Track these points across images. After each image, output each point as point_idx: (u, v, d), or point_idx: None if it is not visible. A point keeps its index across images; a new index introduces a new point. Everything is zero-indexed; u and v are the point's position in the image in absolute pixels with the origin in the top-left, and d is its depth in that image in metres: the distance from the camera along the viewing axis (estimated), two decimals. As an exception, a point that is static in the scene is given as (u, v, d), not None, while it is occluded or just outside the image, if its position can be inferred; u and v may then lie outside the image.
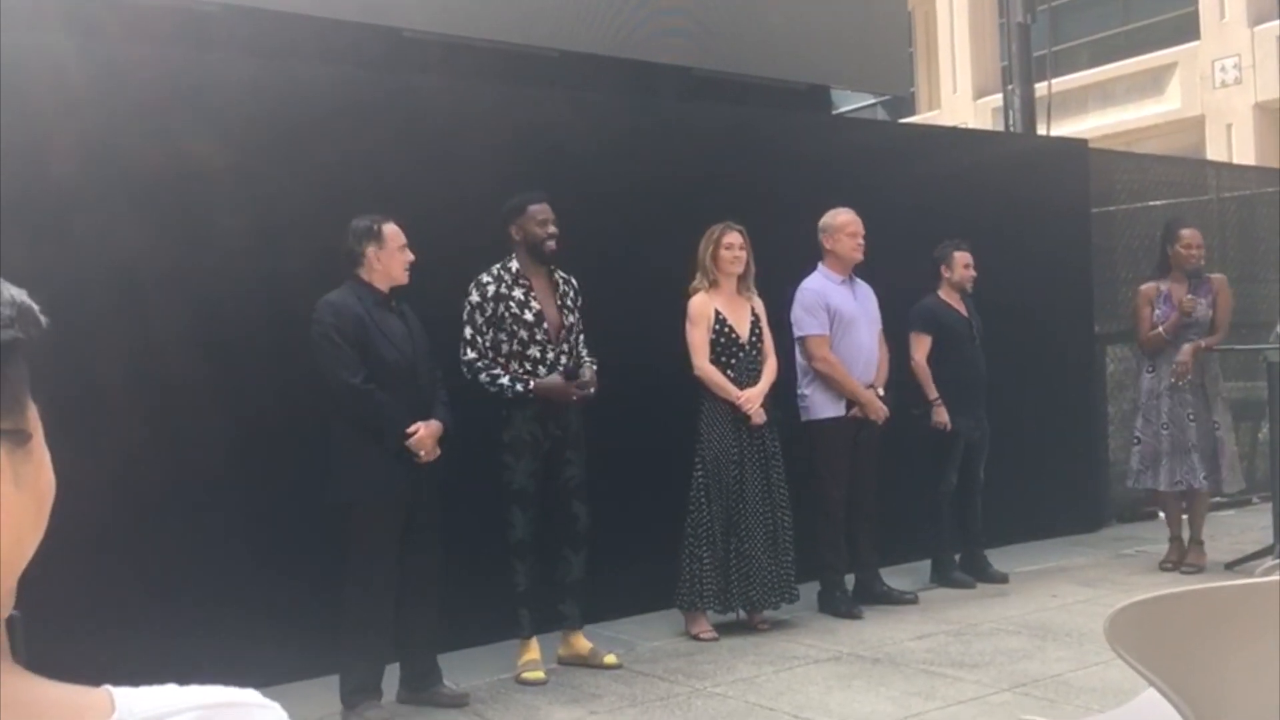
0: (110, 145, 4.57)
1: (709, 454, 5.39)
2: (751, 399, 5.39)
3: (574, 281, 5.10)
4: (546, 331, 4.92)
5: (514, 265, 4.93)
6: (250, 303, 4.82)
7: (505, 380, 4.83)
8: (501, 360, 4.87)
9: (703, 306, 5.45)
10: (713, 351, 5.43)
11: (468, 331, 4.87)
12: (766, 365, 5.55)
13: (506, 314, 4.87)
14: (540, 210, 4.92)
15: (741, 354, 5.46)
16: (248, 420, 4.80)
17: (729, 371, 5.44)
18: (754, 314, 5.56)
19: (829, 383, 5.79)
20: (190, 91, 4.77)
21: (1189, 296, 6.39)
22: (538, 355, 4.90)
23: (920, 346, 6.32)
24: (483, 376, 4.84)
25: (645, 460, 5.58)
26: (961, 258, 6.41)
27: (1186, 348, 6.37)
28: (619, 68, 7.46)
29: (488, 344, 4.87)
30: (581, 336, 5.09)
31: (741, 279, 5.52)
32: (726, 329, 5.45)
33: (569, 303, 5.04)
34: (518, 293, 4.90)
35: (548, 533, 4.97)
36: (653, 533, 5.53)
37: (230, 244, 4.79)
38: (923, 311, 6.36)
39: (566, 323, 4.99)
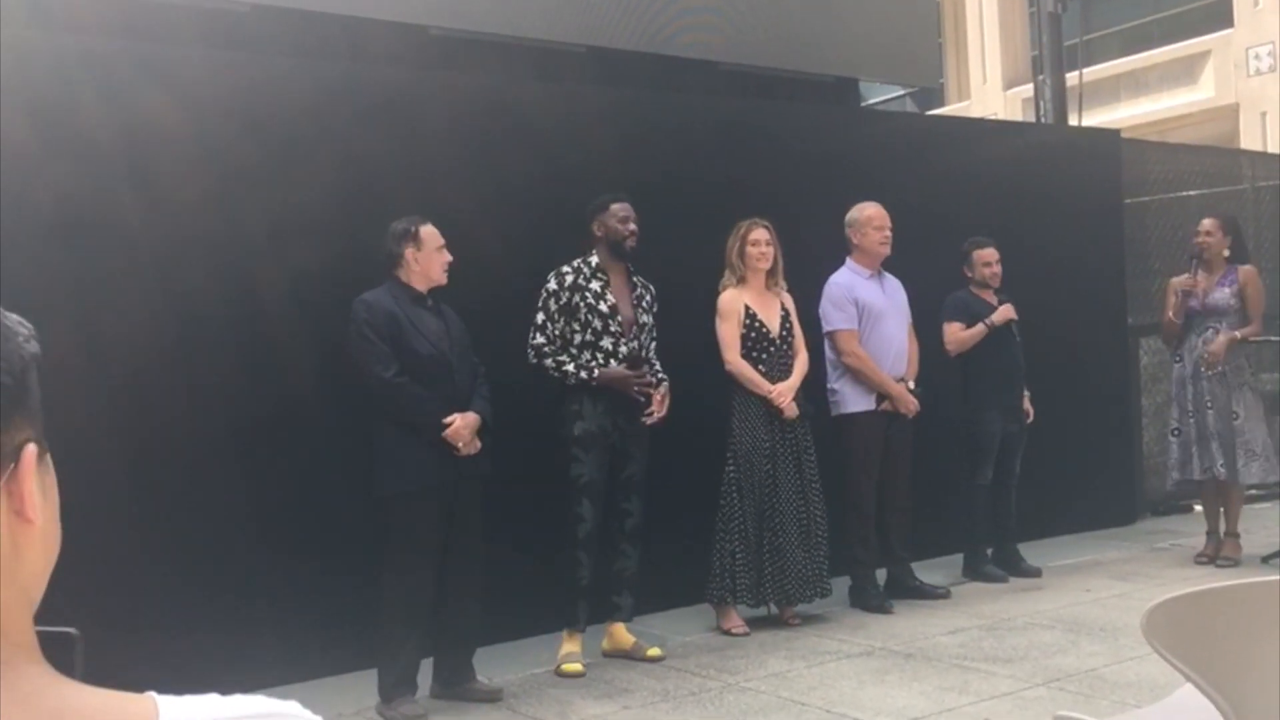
0: (136, 145, 4.60)
1: (741, 449, 5.39)
2: (784, 393, 5.39)
3: (652, 288, 5.18)
4: (621, 324, 4.99)
5: (594, 259, 5.04)
6: (287, 300, 4.86)
7: (570, 367, 4.90)
8: (573, 350, 4.93)
9: (733, 302, 5.45)
10: (743, 347, 5.43)
11: (539, 317, 4.96)
12: (798, 360, 5.55)
13: (582, 304, 4.95)
14: (622, 208, 5.05)
15: (772, 349, 5.46)
16: (285, 417, 4.83)
17: (760, 366, 5.44)
18: (784, 309, 5.56)
19: (859, 377, 5.78)
20: (214, 90, 4.80)
21: (1186, 276, 6.42)
22: (609, 347, 4.96)
23: (951, 332, 6.28)
24: (548, 362, 4.92)
25: (676, 455, 5.57)
26: (981, 256, 6.36)
27: (1221, 338, 6.33)
28: (646, 63, 7.45)
29: (557, 332, 4.95)
30: (654, 343, 5.15)
31: (770, 274, 5.52)
32: (757, 324, 5.45)
33: (645, 304, 5.12)
34: (595, 285, 4.99)
35: (604, 527, 5.02)
36: (684, 528, 5.53)
37: (261, 243, 4.83)
38: (955, 301, 6.35)
39: (640, 321, 5.07)
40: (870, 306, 5.82)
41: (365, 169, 5.09)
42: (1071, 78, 9.21)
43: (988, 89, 20.14)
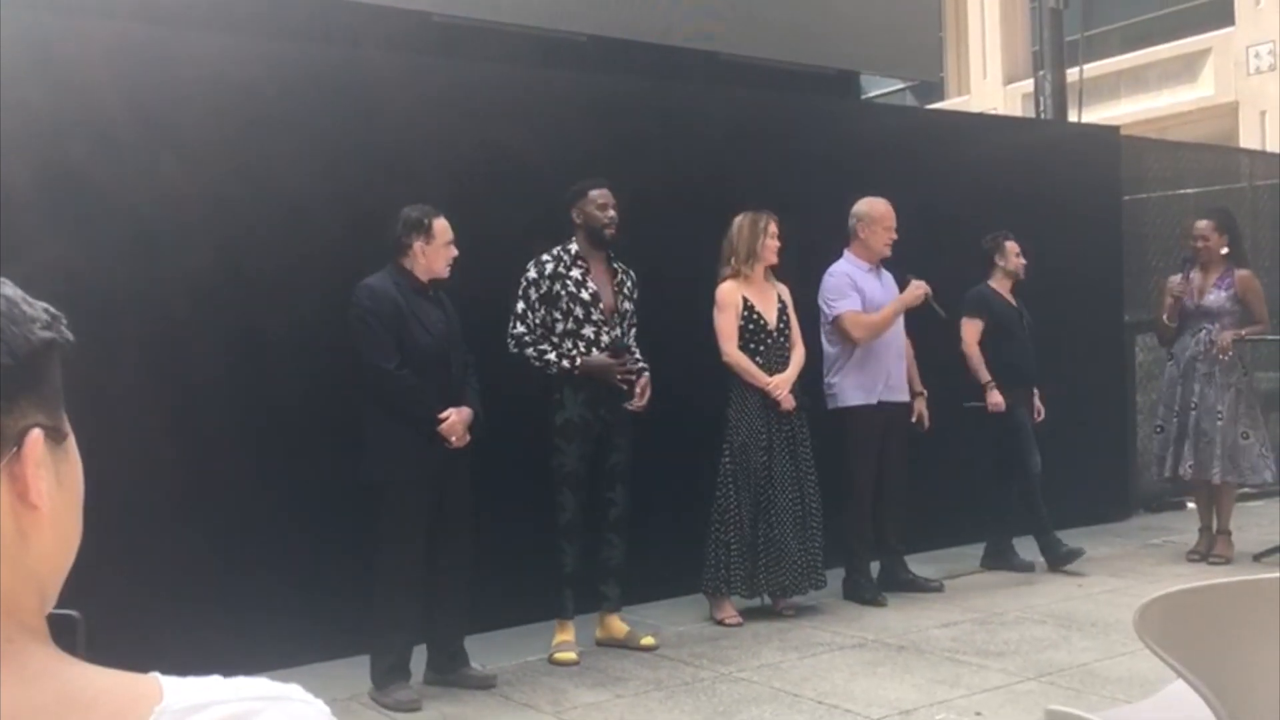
0: (138, 131, 4.60)
1: (738, 440, 5.40)
2: (781, 385, 5.40)
3: (632, 274, 5.16)
4: (602, 312, 4.98)
5: (573, 247, 5.02)
6: (282, 288, 4.86)
7: (552, 356, 4.89)
8: (554, 339, 4.93)
9: (731, 294, 5.45)
10: (741, 338, 5.44)
11: (519, 306, 4.94)
12: (795, 352, 5.55)
13: (563, 292, 4.94)
14: (600, 195, 5.01)
15: (770, 341, 5.47)
16: (280, 403, 4.84)
17: (757, 358, 5.44)
18: (781, 301, 5.57)
19: (876, 329, 5.71)
20: (213, 74, 4.79)
21: (1174, 277, 6.47)
22: (591, 336, 4.96)
23: (971, 331, 6.31)
24: (529, 351, 4.90)
25: (671, 446, 5.59)
26: (1013, 246, 6.44)
27: (1227, 334, 6.36)
28: (647, 52, 7.44)
29: (538, 321, 4.93)
30: (634, 330, 5.14)
31: (769, 266, 5.53)
32: (755, 316, 5.45)
33: (625, 291, 5.10)
34: (575, 273, 4.97)
35: (590, 516, 5.03)
36: (678, 518, 5.54)
37: (259, 230, 4.82)
38: (975, 296, 6.37)
39: (621, 308, 5.06)
40: (872, 300, 5.82)
41: (366, 155, 5.08)
42: (1072, 74, 9.20)
43: (988, 84, 20.11)
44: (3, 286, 0.75)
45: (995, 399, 6.25)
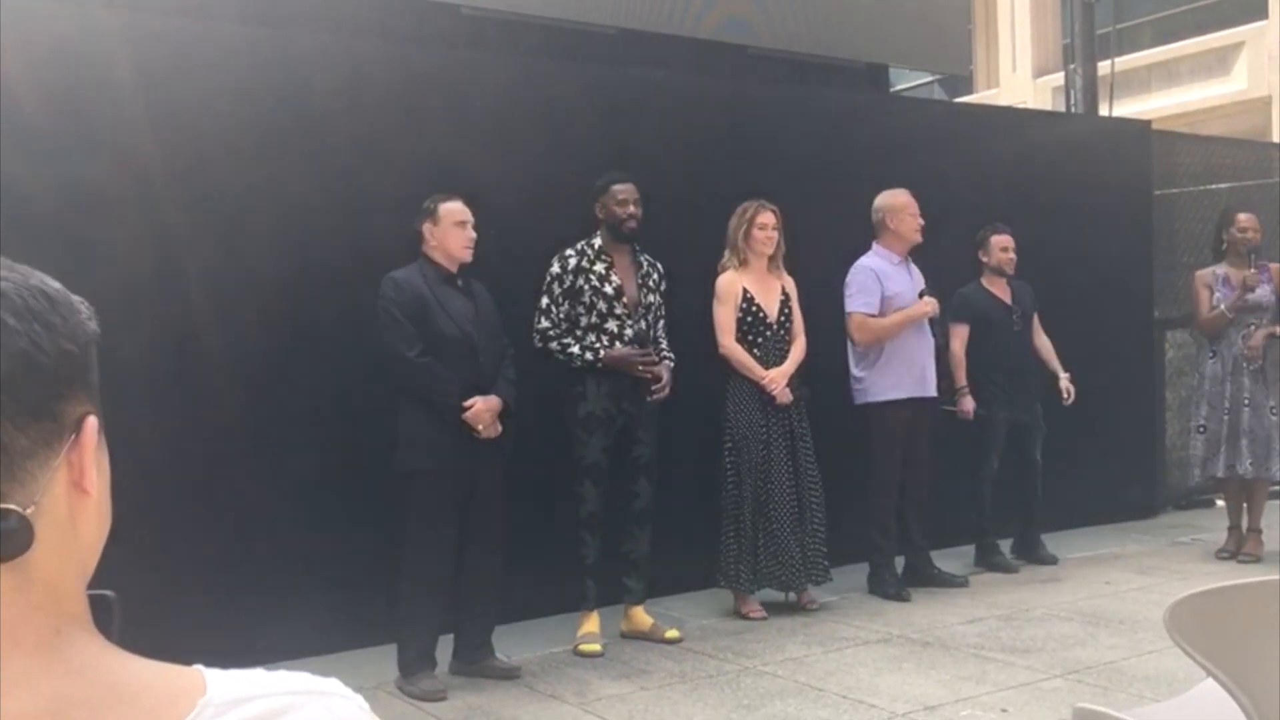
0: (160, 121, 4.63)
1: (736, 433, 5.38)
2: (776, 379, 5.36)
3: (659, 266, 5.17)
4: (626, 306, 4.99)
5: (597, 242, 5.04)
6: (317, 279, 4.89)
7: (575, 349, 4.91)
8: (578, 333, 4.94)
9: (731, 285, 5.42)
10: (740, 330, 5.40)
11: (544, 301, 4.97)
12: (794, 345, 5.51)
13: (586, 286, 4.96)
14: (623, 190, 5.03)
15: (769, 333, 5.43)
16: (313, 394, 4.87)
17: (755, 350, 5.40)
18: (784, 293, 5.52)
19: (882, 333, 5.68)
20: (243, 67, 4.82)
21: (1251, 271, 6.31)
22: (615, 330, 4.97)
23: (958, 336, 6.27)
24: (553, 345, 4.94)
25: (696, 440, 5.59)
26: (998, 241, 6.32)
27: (1260, 332, 6.29)
28: (676, 46, 7.43)
29: (562, 315, 4.95)
30: (662, 322, 5.15)
31: (771, 258, 5.49)
32: (755, 308, 5.42)
33: (651, 284, 5.11)
34: (599, 267, 4.99)
35: (613, 508, 5.03)
36: (703, 511, 5.54)
37: (293, 221, 4.85)
38: (958, 301, 6.31)
39: (646, 301, 5.07)
40: (901, 296, 5.78)
41: (393, 148, 5.10)
42: (1103, 67, 9.12)
43: (1017, 77, 19.97)
44: (46, 280, 0.76)
45: (966, 405, 6.21)
